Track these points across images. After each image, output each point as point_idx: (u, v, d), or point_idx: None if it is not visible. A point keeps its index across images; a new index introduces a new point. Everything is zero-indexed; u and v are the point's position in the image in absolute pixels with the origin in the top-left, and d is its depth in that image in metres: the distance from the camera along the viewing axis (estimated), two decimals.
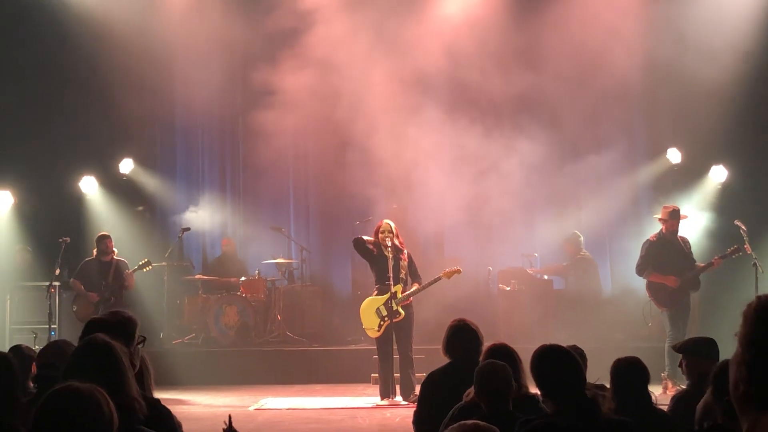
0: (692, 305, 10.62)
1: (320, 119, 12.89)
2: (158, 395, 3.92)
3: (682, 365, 5.08)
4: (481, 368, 4.39)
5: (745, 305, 2.32)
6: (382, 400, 9.56)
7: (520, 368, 4.63)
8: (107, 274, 11.22)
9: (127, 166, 13.48)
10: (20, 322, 12.05)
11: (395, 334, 9.54)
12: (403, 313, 9.55)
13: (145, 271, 11.40)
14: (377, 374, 9.91)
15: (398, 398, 9.53)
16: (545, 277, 12.80)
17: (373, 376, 10.53)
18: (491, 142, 12.22)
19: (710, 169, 12.77)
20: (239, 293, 12.66)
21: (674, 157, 13.02)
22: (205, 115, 14.00)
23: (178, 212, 13.69)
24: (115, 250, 11.39)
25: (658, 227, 10.64)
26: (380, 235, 9.64)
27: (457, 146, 12.39)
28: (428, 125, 12.48)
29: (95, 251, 11.36)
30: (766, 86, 12.64)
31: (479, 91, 12.58)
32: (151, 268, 11.45)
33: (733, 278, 11.10)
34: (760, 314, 2.27)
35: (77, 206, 13.23)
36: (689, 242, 10.66)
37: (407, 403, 9.29)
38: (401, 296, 9.56)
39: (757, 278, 10.18)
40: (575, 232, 12.66)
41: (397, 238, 9.70)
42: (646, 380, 4.59)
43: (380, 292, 9.69)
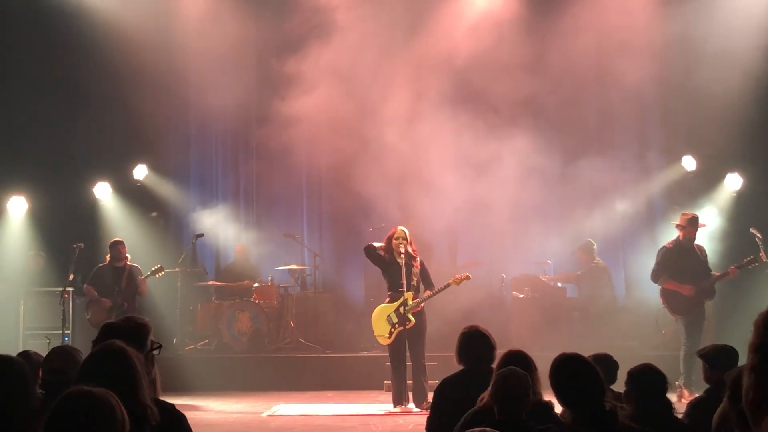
0: (707, 314, 10.49)
1: (334, 127, 12.89)
2: (171, 401, 3.90)
3: (706, 372, 5.10)
4: (501, 374, 4.32)
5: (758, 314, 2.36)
6: (394, 407, 9.52)
7: (535, 376, 4.60)
8: (120, 279, 11.24)
9: (141, 172, 13.52)
10: (34, 327, 12.06)
11: (408, 341, 9.47)
12: (413, 320, 9.47)
13: (158, 277, 11.40)
14: (390, 381, 9.88)
15: (411, 405, 9.48)
16: (559, 284, 12.76)
17: (386, 383, 10.50)
18: (507, 150, 12.19)
19: (725, 176, 12.71)
20: (252, 299, 12.66)
21: (689, 164, 12.95)
22: (219, 121, 14.08)
23: (192, 217, 13.75)
24: (128, 255, 11.44)
25: (673, 235, 10.49)
26: (394, 241, 9.60)
27: (473, 154, 12.37)
28: (444, 132, 12.46)
29: (108, 257, 11.40)
30: None
31: (497, 99, 12.58)
32: (164, 274, 11.46)
33: (749, 286, 11.02)
34: (767, 323, 2.30)
35: (91, 212, 13.28)
36: (705, 250, 10.52)
37: (420, 410, 9.24)
38: (412, 303, 9.50)
39: None
40: (589, 240, 12.60)
41: (411, 245, 9.67)
42: (665, 388, 4.56)
43: (392, 299, 9.65)
